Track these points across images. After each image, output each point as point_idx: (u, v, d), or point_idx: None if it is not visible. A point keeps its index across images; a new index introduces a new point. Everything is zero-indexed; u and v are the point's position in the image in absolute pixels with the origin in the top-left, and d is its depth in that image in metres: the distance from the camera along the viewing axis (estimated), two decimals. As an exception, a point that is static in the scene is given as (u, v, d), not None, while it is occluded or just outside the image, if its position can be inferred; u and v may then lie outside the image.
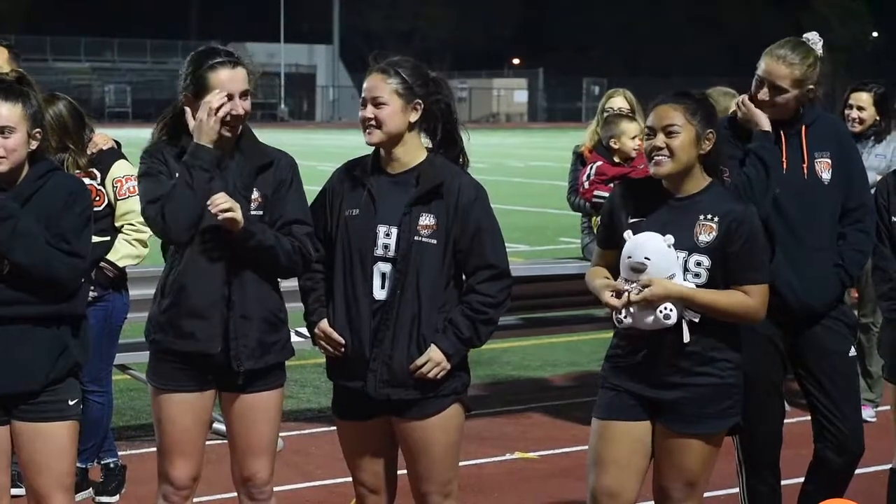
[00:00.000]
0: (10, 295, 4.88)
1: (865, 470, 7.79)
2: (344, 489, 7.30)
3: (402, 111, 5.08)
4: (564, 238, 17.97)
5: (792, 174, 5.73)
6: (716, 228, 5.01)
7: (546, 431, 8.58)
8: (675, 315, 4.98)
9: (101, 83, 73.82)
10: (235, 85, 5.06)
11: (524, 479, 7.61)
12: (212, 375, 5.19)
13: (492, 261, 5.09)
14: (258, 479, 5.29)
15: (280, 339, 5.24)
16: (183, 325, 5.14)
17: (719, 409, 5.09)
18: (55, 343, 4.98)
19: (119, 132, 9.61)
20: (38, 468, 5.02)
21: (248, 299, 5.13)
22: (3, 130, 4.87)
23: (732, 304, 5.03)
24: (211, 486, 6.59)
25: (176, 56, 77.93)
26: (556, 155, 33.84)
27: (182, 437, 5.22)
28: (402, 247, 5.04)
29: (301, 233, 5.16)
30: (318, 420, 8.90)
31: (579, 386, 9.89)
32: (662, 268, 4.98)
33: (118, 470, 7.21)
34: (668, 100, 5.11)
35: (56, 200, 4.95)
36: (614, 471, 5.14)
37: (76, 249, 4.94)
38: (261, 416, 5.24)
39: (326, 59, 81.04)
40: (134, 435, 8.41)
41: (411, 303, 5.04)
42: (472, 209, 5.06)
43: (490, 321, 5.12)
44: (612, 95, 9.04)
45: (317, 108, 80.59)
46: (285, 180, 5.20)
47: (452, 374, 5.10)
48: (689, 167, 5.08)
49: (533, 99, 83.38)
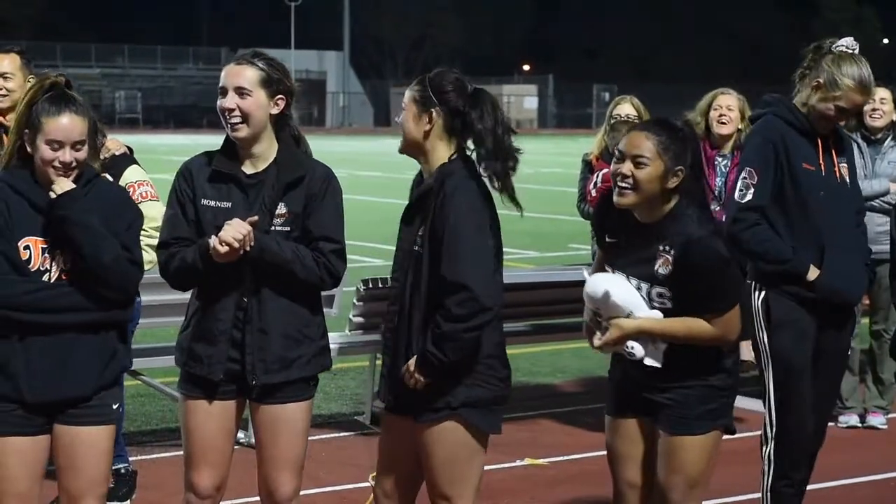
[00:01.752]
0: (65, 302, 4.89)
1: (876, 477, 7.81)
2: (354, 495, 7.31)
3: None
4: (574, 244, 17.97)
5: (829, 177, 5.92)
6: (671, 261, 4.97)
7: (556, 438, 8.57)
8: (640, 350, 5.05)
9: (111, 89, 73.96)
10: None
11: (534, 485, 7.61)
12: (235, 386, 5.17)
13: (445, 273, 4.87)
14: (282, 492, 5.22)
15: (304, 354, 5.17)
16: (194, 347, 5.17)
17: (705, 410, 5.10)
18: (105, 349, 4.99)
19: (129, 138, 9.61)
20: (75, 471, 5.02)
21: (267, 314, 5.09)
22: (77, 147, 4.89)
23: (693, 332, 5.02)
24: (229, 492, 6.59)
25: (186, 62, 78.20)
26: (566, 161, 33.86)
27: (205, 444, 5.20)
28: (401, 257, 5.13)
29: (327, 249, 5.10)
30: (328, 426, 8.90)
31: (588, 392, 9.90)
32: (618, 307, 5.03)
33: (129, 475, 7.21)
34: (644, 128, 5.08)
35: (109, 209, 4.97)
36: (632, 465, 5.23)
37: (135, 258, 4.98)
38: (287, 427, 5.20)
39: (337, 65, 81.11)
40: (145, 440, 8.41)
41: (405, 313, 5.05)
42: (441, 220, 4.92)
43: (446, 336, 4.87)
44: (619, 102, 9.03)
45: (327, 114, 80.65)
46: (316, 194, 5.12)
47: (440, 389, 4.97)
48: (653, 199, 5.04)
49: (543, 105, 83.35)
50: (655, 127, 5.06)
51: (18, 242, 4.90)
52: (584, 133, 59.04)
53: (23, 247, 4.90)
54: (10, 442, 4.94)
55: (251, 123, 5.08)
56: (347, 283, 8.98)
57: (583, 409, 9.31)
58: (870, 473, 7.83)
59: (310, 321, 5.19)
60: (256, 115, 5.07)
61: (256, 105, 5.07)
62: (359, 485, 7.46)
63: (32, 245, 4.91)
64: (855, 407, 8.94)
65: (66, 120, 4.87)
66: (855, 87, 5.82)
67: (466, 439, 5.04)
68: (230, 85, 5.09)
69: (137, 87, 74.75)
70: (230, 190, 5.10)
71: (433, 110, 5.01)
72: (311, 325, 5.19)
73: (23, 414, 4.93)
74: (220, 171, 5.12)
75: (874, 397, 9.02)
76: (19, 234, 4.91)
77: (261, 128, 5.11)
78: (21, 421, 4.94)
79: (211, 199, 5.11)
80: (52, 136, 4.86)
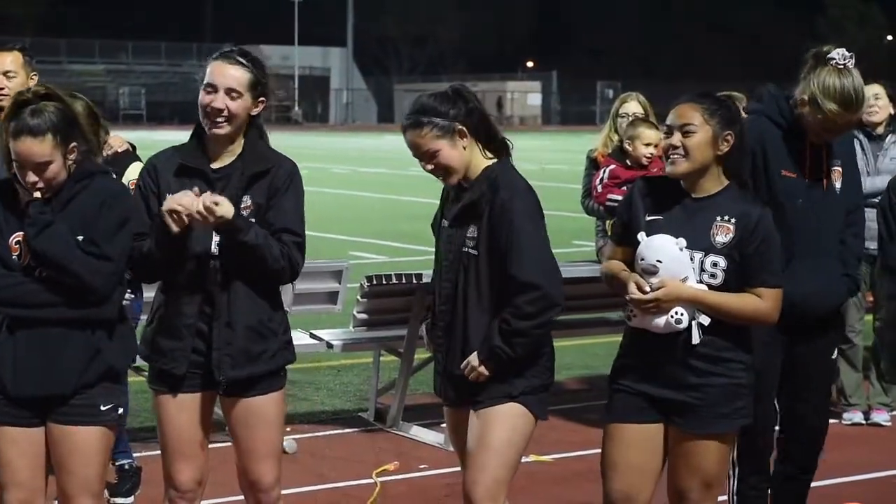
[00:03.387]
0: (45, 297, 4.92)
1: (880, 474, 7.80)
2: (358, 492, 7.32)
3: None
4: (578, 241, 17.94)
5: (813, 185, 5.76)
6: (733, 229, 5.00)
7: (560, 434, 8.57)
8: (686, 318, 4.99)
9: (115, 85, 74.05)
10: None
11: (538, 482, 7.61)
12: (200, 380, 5.19)
13: (515, 272, 5.04)
14: (263, 482, 5.28)
15: (268, 348, 5.19)
16: (158, 341, 5.19)
17: (732, 409, 5.08)
18: (87, 347, 4.99)
19: (133, 134, 9.62)
20: (65, 471, 5.06)
21: (233, 308, 5.11)
22: (40, 167, 4.89)
23: (744, 307, 5.03)
24: (219, 489, 6.60)
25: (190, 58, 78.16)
26: (570, 158, 33.82)
27: (180, 437, 5.22)
28: (451, 258, 5.18)
29: (289, 241, 5.13)
30: (332, 423, 8.90)
31: (593, 389, 9.89)
32: (674, 270, 4.98)
33: (133, 471, 7.22)
34: (689, 99, 5.11)
35: (92, 205, 4.98)
36: (628, 474, 5.14)
37: (106, 253, 4.96)
38: (260, 420, 5.22)
39: (340, 61, 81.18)
40: (149, 436, 8.39)
41: (460, 312, 5.14)
42: (504, 221, 5.06)
43: (517, 333, 5.04)
44: (625, 100, 9.02)
45: (331, 111, 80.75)
46: (280, 188, 5.16)
47: (504, 381, 5.11)
48: (706, 167, 5.06)
49: (546, 102, 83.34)
50: (700, 97, 5.11)
51: (10, 238, 4.96)
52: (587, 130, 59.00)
53: (13, 242, 4.96)
54: (4, 430, 5.00)
55: (233, 123, 5.14)
56: (351, 279, 9.01)
57: (587, 405, 9.30)
58: (874, 470, 7.83)
59: (272, 316, 5.21)
60: (241, 115, 5.15)
61: (243, 107, 5.15)
62: (362, 481, 7.46)
63: (22, 240, 4.95)
64: (859, 404, 8.93)
65: (24, 145, 4.88)
66: (837, 112, 5.59)
67: (522, 425, 5.18)
68: (221, 85, 5.11)
69: (141, 83, 74.79)
70: (195, 184, 5.12)
71: (456, 130, 5.09)
72: (273, 320, 5.22)
73: (9, 406, 4.99)
74: (186, 166, 5.17)
75: (878, 394, 9.01)
76: (11, 231, 4.97)
77: (240, 127, 5.18)
78: (10, 411, 4.99)
79: (176, 193, 5.10)
80: (16, 158, 4.91)
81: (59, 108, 4.96)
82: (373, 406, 8.94)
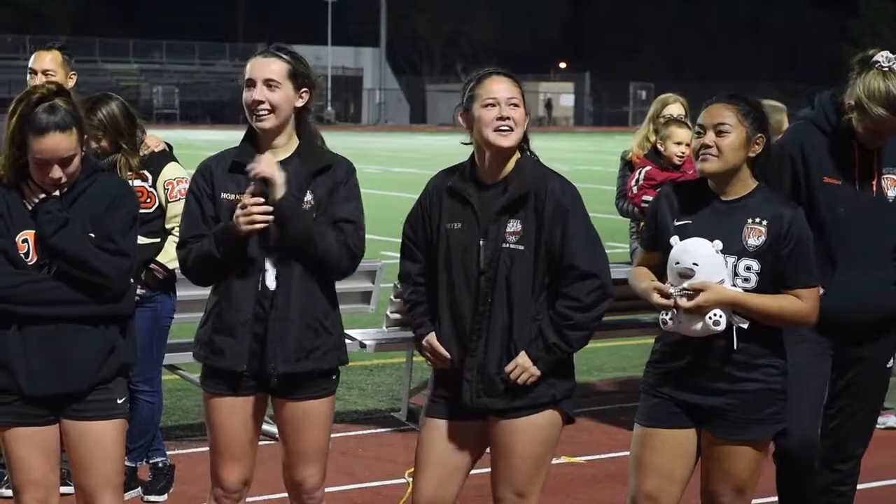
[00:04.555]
0: (60, 294, 4.92)
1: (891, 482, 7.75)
2: (390, 491, 7.33)
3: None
4: (611, 242, 17.88)
5: (861, 192, 5.65)
6: (765, 232, 4.97)
7: (593, 436, 8.56)
8: (725, 321, 4.95)
9: (149, 85, 74.22)
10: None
11: (570, 483, 7.60)
12: (255, 381, 5.20)
13: (576, 262, 5.00)
14: (308, 484, 5.32)
15: (321, 345, 5.20)
16: (215, 340, 5.20)
17: (766, 414, 5.06)
18: (104, 343, 5.01)
19: (167, 133, 9.66)
20: (85, 467, 5.07)
21: (291, 302, 5.13)
22: (64, 162, 4.90)
23: (784, 309, 5.00)
24: (263, 487, 6.61)
25: (223, 58, 78.40)
26: (603, 159, 33.81)
27: (231, 439, 5.25)
28: (489, 255, 5.02)
29: (348, 228, 5.15)
30: (364, 422, 8.92)
31: (625, 391, 9.88)
32: (711, 273, 4.94)
33: (167, 469, 7.25)
34: (722, 99, 5.09)
35: (102, 201, 5.00)
36: (655, 477, 5.12)
37: (122, 249, 4.98)
38: (310, 422, 5.25)
39: (373, 61, 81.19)
40: (182, 435, 8.45)
41: (501, 312, 5.01)
42: (559, 214, 5.01)
43: (577, 326, 5.00)
44: (667, 102, 8.89)
45: (363, 111, 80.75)
46: (341, 183, 5.20)
47: (547, 382, 5.03)
48: (737, 168, 5.04)
49: (579, 103, 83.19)
50: (733, 98, 5.09)
51: (17, 237, 4.94)
52: (620, 131, 58.95)
53: (21, 240, 4.95)
54: (16, 431, 5.01)
55: (278, 114, 5.16)
56: (384, 279, 9.03)
57: (620, 407, 9.30)
58: (884, 478, 7.77)
59: (328, 313, 5.23)
60: (284, 107, 5.16)
61: (284, 97, 5.16)
62: (395, 481, 7.47)
63: (30, 238, 4.95)
64: (893, 408, 8.88)
65: (53, 141, 4.87)
66: (886, 117, 5.49)
67: (556, 435, 5.14)
68: (259, 77, 5.15)
69: (175, 82, 74.97)
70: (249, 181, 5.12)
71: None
72: (329, 318, 5.23)
73: (23, 405, 4.98)
74: (239, 164, 5.17)
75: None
76: (18, 229, 4.95)
77: (285, 119, 5.19)
78: (23, 411, 4.99)
79: (231, 192, 5.16)
80: (39, 156, 4.88)
81: (71, 103, 4.98)
82: (405, 406, 8.95)
